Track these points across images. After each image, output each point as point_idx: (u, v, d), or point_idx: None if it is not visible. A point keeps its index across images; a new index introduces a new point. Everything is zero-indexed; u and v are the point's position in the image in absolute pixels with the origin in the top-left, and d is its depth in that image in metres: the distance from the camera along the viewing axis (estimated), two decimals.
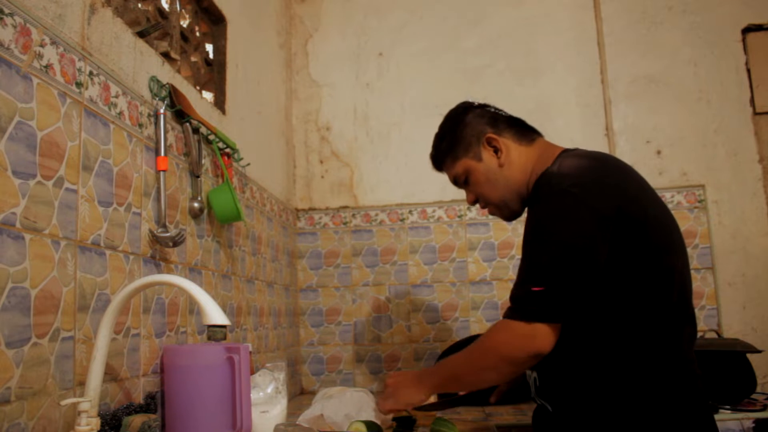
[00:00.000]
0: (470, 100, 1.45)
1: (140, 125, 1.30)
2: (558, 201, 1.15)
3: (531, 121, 1.42)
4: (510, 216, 1.39)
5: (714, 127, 2.50)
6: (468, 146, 1.37)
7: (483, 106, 1.41)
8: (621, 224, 1.13)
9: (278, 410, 1.27)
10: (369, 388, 2.46)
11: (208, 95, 1.85)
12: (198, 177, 1.55)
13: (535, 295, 1.12)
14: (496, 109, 1.41)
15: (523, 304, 1.14)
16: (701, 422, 1.16)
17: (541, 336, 1.13)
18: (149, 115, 1.35)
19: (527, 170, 1.32)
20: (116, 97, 1.21)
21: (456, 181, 1.43)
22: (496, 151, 1.34)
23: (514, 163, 1.33)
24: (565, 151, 1.29)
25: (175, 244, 1.36)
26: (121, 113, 1.23)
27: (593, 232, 1.12)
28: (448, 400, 1.63)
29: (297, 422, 1.43)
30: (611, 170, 1.21)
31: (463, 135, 1.38)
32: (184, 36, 1.71)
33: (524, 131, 1.37)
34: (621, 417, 1.14)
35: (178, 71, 1.60)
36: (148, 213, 1.32)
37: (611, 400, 1.15)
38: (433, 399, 1.66)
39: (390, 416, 1.56)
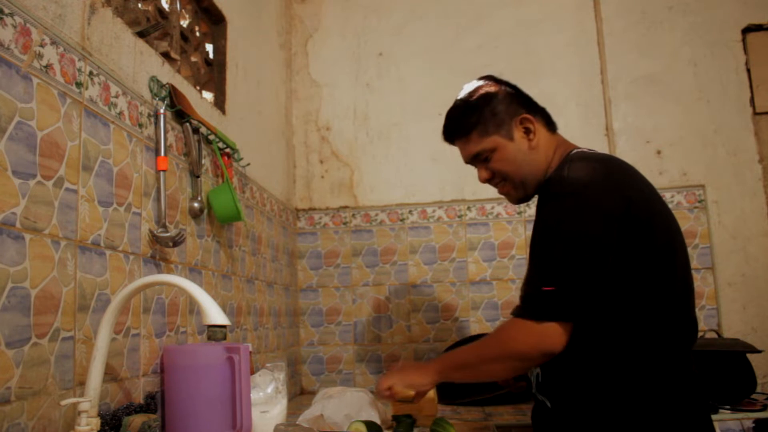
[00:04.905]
0: (496, 77, 1.41)
1: (140, 125, 1.30)
2: (566, 202, 1.17)
3: None
4: (522, 198, 1.38)
5: (714, 127, 2.49)
6: (501, 123, 1.32)
7: (510, 84, 1.39)
8: (627, 224, 1.14)
9: (278, 410, 1.27)
10: (369, 388, 2.46)
11: (208, 95, 1.85)
12: (198, 177, 1.55)
13: (546, 295, 1.14)
14: (522, 90, 1.39)
15: (534, 304, 1.16)
16: (698, 422, 1.16)
17: (552, 335, 1.14)
18: (149, 115, 1.35)
19: (549, 157, 1.33)
20: (116, 97, 1.21)
21: (476, 157, 1.36)
22: (528, 132, 1.32)
23: (542, 149, 1.33)
24: (574, 152, 1.29)
25: (175, 244, 1.36)
26: (121, 113, 1.23)
27: (601, 232, 1.14)
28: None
29: (297, 422, 1.43)
30: (617, 172, 1.23)
31: (496, 111, 1.33)
32: (184, 36, 1.71)
33: (550, 120, 1.38)
34: (618, 414, 1.15)
35: (178, 71, 1.60)
36: (148, 213, 1.32)
37: (609, 398, 1.16)
38: (432, 393, 1.65)
39: (389, 417, 1.56)
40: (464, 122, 1.36)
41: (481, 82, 1.39)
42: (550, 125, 1.37)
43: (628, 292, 1.15)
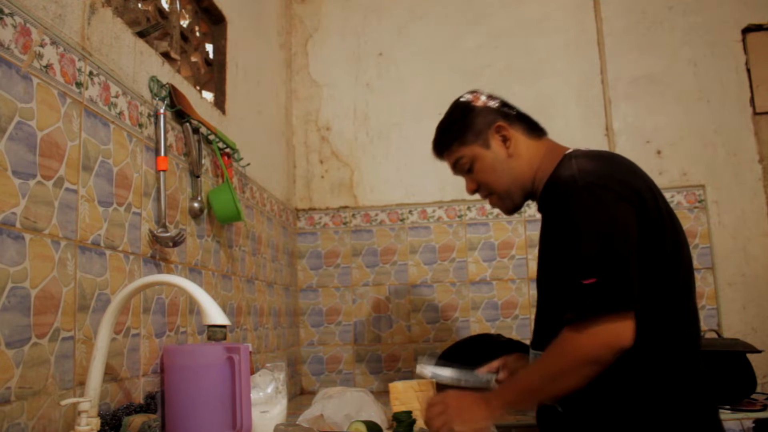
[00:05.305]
0: (479, 90, 1.44)
1: (140, 125, 1.30)
2: (588, 194, 1.13)
3: None
4: (512, 208, 1.39)
5: (714, 127, 2.50)
6: (478, 133, 1.35)
7: (493, 96, 1.42)
8: (640, 219, 1.13)
9: (278, 410, 1.27)
10: (369, 388, 2.46)
11: (208, 95, 1.85)
12: (198, 177, 1.55)
13: (590, 288, 1.07)
14: (505, 101, 1.42)
15: (582, 301, 1.08)
16: (708, 421, 1.16)
17: (615, 328, 1.06)
18: (149, 115, 1.35)
19: (534, 165, 1.33)
20: (116, 97, 1.21)
21: (459, 168, 1.40)
22: (505, 140, 1.34)
23: (522, 156, 1.33)
24: (574, 151, 1.28)
25: (175, 244, 1.36)
26: (121, 113, 1.23)
27: (628, 220, 1.12)
28: None
29: (297, 422, 1.43)
30: (625, 169, 1.22)
31: (474, 121, 1.36)
32: (184, 36, 1.71)
33: (533, 126, 1.38)
34: (632, 419, 1.14)
35: (178, 71, 1.60)
36: (148, 213, 1.32)
37: (623, 401, 1.15)
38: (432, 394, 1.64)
39: (389, 417, 1.56)
40: (446, 136, 1.41)
41: (463, 97, 1.44)
42: (534, 132, 1.37)
43: (642, 289, 1.12)
